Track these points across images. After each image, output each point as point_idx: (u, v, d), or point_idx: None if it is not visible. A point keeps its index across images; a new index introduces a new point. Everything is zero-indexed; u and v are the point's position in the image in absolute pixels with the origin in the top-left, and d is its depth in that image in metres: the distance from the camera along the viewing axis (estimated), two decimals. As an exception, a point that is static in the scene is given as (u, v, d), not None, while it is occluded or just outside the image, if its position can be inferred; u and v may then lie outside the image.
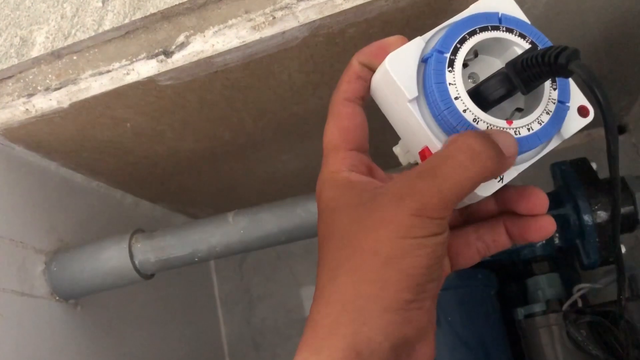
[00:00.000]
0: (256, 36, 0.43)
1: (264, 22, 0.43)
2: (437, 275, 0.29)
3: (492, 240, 0.35)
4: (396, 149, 0.36)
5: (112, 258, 0.49)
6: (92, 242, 0.51)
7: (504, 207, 0.35)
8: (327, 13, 0.42)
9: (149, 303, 0.69)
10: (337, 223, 0.30)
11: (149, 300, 0.70)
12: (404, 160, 0.36)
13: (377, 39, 0.46)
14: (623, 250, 0.58)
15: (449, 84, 0.30)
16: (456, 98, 0.30)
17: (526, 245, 0.57)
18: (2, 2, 0.47)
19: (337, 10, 0.42)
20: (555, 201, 0.58)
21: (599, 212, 0.56)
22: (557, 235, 0.58)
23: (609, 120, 0.29)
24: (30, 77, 0.47)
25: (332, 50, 0.47)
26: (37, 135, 0.50)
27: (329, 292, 0.28)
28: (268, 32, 0.43)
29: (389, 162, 0.40)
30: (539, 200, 0.34)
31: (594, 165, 0.60)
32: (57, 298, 0.51)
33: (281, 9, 0.43)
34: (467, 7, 0.33)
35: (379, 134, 0.38)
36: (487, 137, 0.29)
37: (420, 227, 0.28)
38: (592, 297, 0.58)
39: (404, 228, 0.28)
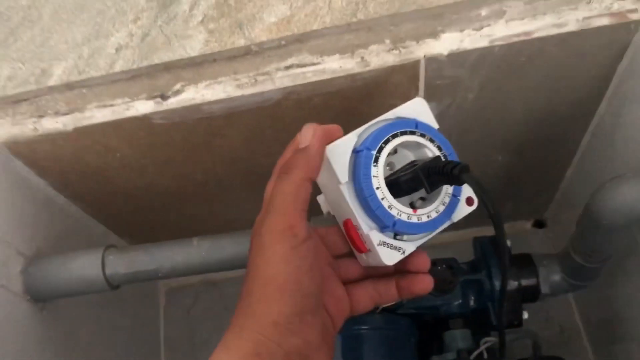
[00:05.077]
0: (239, 92, 0.53)
1: (247, 83, 0.53)
2: (310, 291, 0.35)
3: (385, 291, 0.43)
4: (320, 198, 0.44)
5: (86, 266, 0.56)
6: (69, 251, 0.58)
7: (398, 267, 0.42)
8: (298, 82, 0.53)
9: (102, 329, 0.74)
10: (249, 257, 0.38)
11: (102, 326, 0.75)
12: (324, 209, 0.44)
13: (337, 110, 0.58)
14: (525, 316, 0.67)
15: (373, 176, 0.39)
16: (377, 188, 0.39)
17: (445, 304, 0.66)
18: (29, 39, 0.56)
19: (306, 80, 0.53)
20: (473, 269, 0.68)
21: (507, 280, 0.66)
22: (472, 297, 0.67)
23: (494, 217, 0.37)
24: (43, 102, 0.55)
25: (300, 114, 0.57)
26: (37, 153, 0.58)
27: (240, 306, 0.36)
28: (250, 90, 0.53)
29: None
30: (423, 260, 0.42)
31: (508, 243, 0.70)
32: (28, 298, 0.57)
33: (263, 74, 0.53)
34: (395, 100, 0.43)
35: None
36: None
37: (281, 243, 0.35)
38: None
39: (272, 249, 0.35)
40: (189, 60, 0.54)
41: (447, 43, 0.53)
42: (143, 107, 0.54)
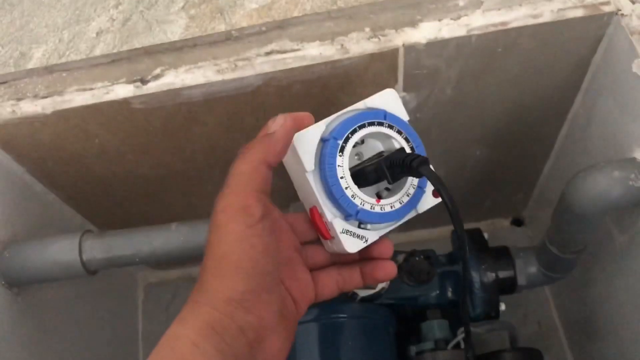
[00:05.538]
0: (219, 77, 0.54)
1: (227, 68, 0.54)
2: (266, 270, 0.35)
3: (349, 277, 0.44)
4: None
5: (62, 251, 0.55)
6: (45, 236, 0.57)
7: (362, 254, 0.43)
8: (279, 68, 0.54)
9: (78, 321, 0.74)
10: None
11: (79, 318, 0.74)
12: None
13: (317, 99, 0.58)
14: (502, 307, 0.68)
15: (338, 165, 0.40)
16: (341, 177, 0.39)
17: (422, 294, 0.66)
18: (9, 23, 0.56)
19: (287, 67, 0.53)
20: (451, 261, 0.69)
21: (485, 272, 0.67)
22: (450, 289, 0.67)
23: (450, 207, 0.38)
24: (22, 85, 0.55)
25: (280, 102, 0.58)
26: (15, 137, 0.57)
27: (199, 283, 0.36)
28: (230, 75, 0.54)
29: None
30: (386, 247, 0.43)
31: (485, 235, 0.71)
32: (3, 283, 0.56)
33: (243, 59, 0.54)
34: (375, 90, 0.43)
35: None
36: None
37: (236, 221, 0.35)
38: (478, 347, 0.67)
39: (227, 227, 0.35)
40: (169, 45, 0.54)
41: (425, 32, 0.53)
42: (123, 91, 0.54)
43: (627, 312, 0.67)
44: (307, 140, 0.40)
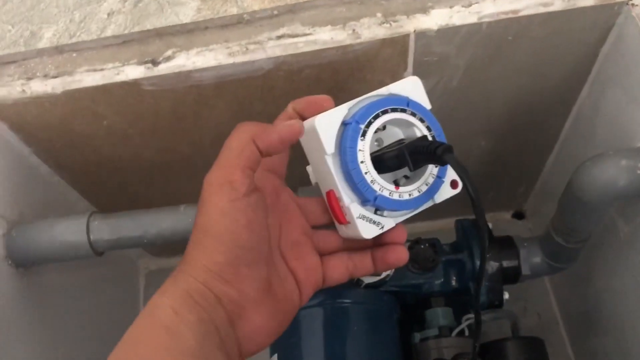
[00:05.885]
0: (230, 60, 0.54)
1: (238, 51, 0.54)
2: (249, 245, 0.36)
3: (360, 262, 0.43)
4: (309, 169, 0.45)
5: (70, 231, 0.55)
6: (52, 217, 0.57)
7: (375, 241, 0.43)
8: (290, 52, 0.54)
9: (82, 304, 0.74)
10: None
11: (82, 302, 0.74)
12: (313, 179, 0.45)
13: (327, 84, 0.58)
14: (506, 297, 0.68)
15: (359, 150, 0.39)
16: (362, 162, 0.39)
17: (427, 282, 0.67)
18: (20, 2, 0.56)
19: (298, 51, 0.53)
20: (455, 249, 0.69)
21: (489, 261, 0.67)
22: (454, 277, 0.68)
23: (473, 195, 0.37)
24: (32, 64, 0.55)
25: (290, 87, 0.58)
26: (24, 117, 0.57)
27: (183, 256, 0.37)
28: (241, 59, 0.54)
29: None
30: (400, 233, 0.43)
31: (490, 225, 0.72)
32: (10, 262, 0.56)
33: (254, 43, 0.54)
34: (385, 76, 0.43)
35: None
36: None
37: (219, 195, 0.36)
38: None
39: (211, 201, 0.36)
40: (180, 27, 0.54)
41: (436, 18, 0.54)
42: (133, 72, 0.54)
43: (629, 306, 0.67)
44: (329, 123, 0.40)
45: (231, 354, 0.35)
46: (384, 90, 0.42)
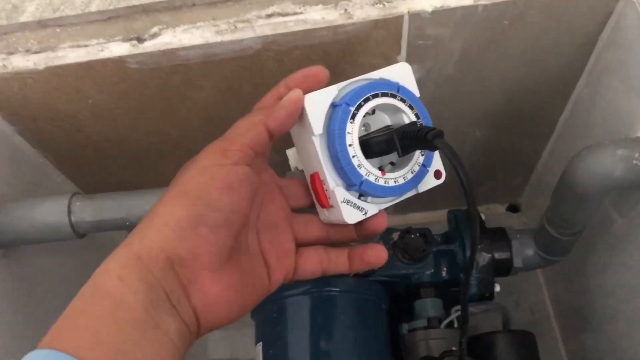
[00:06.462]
0: (218, 39, 0.52)
1: (226, 29, 0.52)
2: (217, 205, 0.34)
3: (335, 258, 0.42)
4: (289, 152, 0.44)
5: (51, 212, 0.54)
6: (34, 197, 0.56)
7: (356, 227, 0.42)
8: (279, 31, 0.52)
9: (66, 287, 0.72)
10: None
11: (66, 285, 0.73)
12: (292, 163, 0.44)
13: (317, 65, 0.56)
14: (497, 289, 0.67)
15: (348, 132, 0.38)
16: (350, 145, 0.38)
17: (417, 272, 0.65)
18: (2, -25, 0.54)
19: (288, 30, 0.52)
20: (446, 240, 0.68)
21: (481, 252, 0.66)
22: (445, 268, 0.66)
23: (464, 178, 0.35)
24: (14, 39, 0.54)
25: (279, 68, 0.56)
26: (5, 94, 0.55)
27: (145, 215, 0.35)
28: (229, 37, 0.52)
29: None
30: (381, 221, 0.41)
31: (482, 216, 0.70)
32: (-11, 243, 0.55)
33: (243, 21, 0.52)
34: (377, 59, 0.42)
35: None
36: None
37: (207, 159, 0.35)
38: (471, 328, 0.67)
39: (195, 161, 0.36)
40: (167, 4, 0.53)
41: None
42: (118, 49, 0.53)
43: (623, 301, 0.66)
44: (318, 103, 0.38)
45: (186, 322, 0.33)
46: (374, 75, 0.41)
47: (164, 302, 0.32)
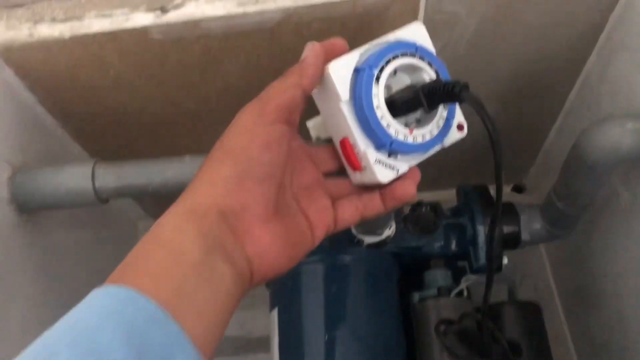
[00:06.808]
0: (240, 10, 0.53)
1: (248, 1, 0.53)
2: (259, 160, 0.36)
3: (369, 201, 0.43)
4: (309, 123, 0.45)
5: (75, 177, 0.56)
6: (58, 163, 0.57)
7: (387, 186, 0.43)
8: (300, 3, 0.53)
9: (81, 257, 0.74)
10: None
11: (82, 255, 0.74)
12: (313, 134, 0.45)
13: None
14: (505, 261, 0.69)
15: (374, 95, 0.39)
16: (377, 107, 0.39)
17: (427, 244, 0.67)
18: (28, -55, 0.56)
19: (308, 2, 0.53)
20: (456, 214, 0.69)
21: (490, 225, 0.68)
22: (454, 241, 0.68)
23: (490, 129, 0.37)
24: (40, 9, 0.55)
25: (297, 41, 0.57)
26: (30, 62, 0.57)
27: (194, 176, 0.37)
28: (251, 9, 0.53)
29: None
30: (415, 174, 0.42)
31: (492, 192, 0.72)
32: (14, 207, 0.56)
33: (264, -7, 0.54)
34: (387, 31, 0.43)
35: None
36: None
37: (245, 118, 0.37)
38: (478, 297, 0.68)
39: (235, 122, 0.37)
40: (191, -25, 0.54)
41: (448, -26, 0.53)
42: (142, 19, 0.54)
43: (628, 278, 0.67)
44: (342, 70, 0.39)
45: (240, 270, 0.35)
46: (390, 37, 0.42)
47: (220, 250, 0.33)
